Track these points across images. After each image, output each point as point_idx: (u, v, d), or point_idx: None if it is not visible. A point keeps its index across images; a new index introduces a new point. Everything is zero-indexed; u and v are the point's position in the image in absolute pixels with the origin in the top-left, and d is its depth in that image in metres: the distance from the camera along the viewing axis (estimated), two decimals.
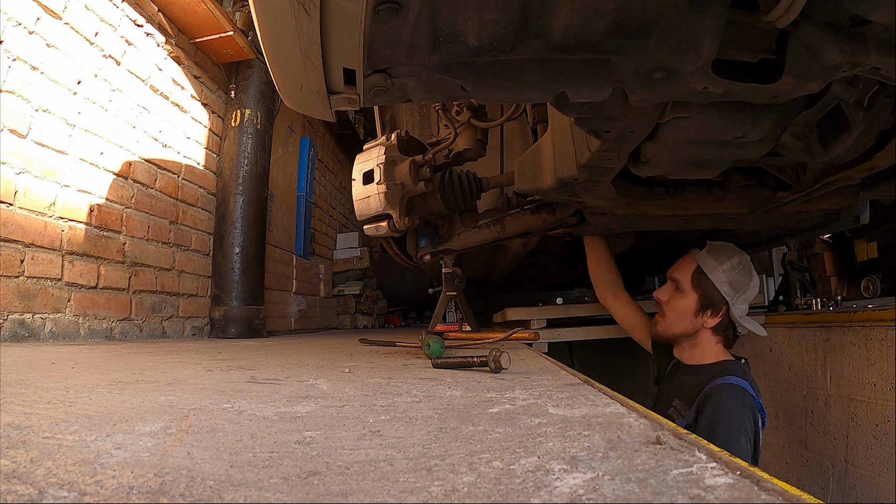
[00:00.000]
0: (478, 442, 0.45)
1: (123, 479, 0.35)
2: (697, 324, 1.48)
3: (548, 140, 1.29)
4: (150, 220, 2.34)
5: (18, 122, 1.66)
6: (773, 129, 0.93)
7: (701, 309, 1.47)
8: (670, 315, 1.52)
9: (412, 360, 1.27)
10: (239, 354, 1.48)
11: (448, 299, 2.04)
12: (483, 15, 0.60)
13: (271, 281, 3.18)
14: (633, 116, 0.88)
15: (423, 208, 1.67)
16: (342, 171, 5.27)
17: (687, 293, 1.48)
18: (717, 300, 1.45)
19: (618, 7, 0.60)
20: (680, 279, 1.50)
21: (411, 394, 0.72)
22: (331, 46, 0.63)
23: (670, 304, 1.52)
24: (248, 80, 2.90)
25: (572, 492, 0.32)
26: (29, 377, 0.86)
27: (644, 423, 0.50)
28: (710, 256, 1.48)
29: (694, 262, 1.50)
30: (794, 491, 0.33)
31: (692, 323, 1.48)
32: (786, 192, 1.36)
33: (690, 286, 1.48)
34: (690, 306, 1.48)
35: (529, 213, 1.63)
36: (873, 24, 0.66)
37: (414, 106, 2.13)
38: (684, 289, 1.49)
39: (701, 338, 1.50)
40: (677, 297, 1.51)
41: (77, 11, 1.90)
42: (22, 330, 1.67)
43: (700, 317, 1.47)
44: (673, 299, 1.52)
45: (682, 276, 1.50)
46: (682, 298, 1.49)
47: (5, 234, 1.61)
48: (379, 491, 0.33)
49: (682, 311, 1.48)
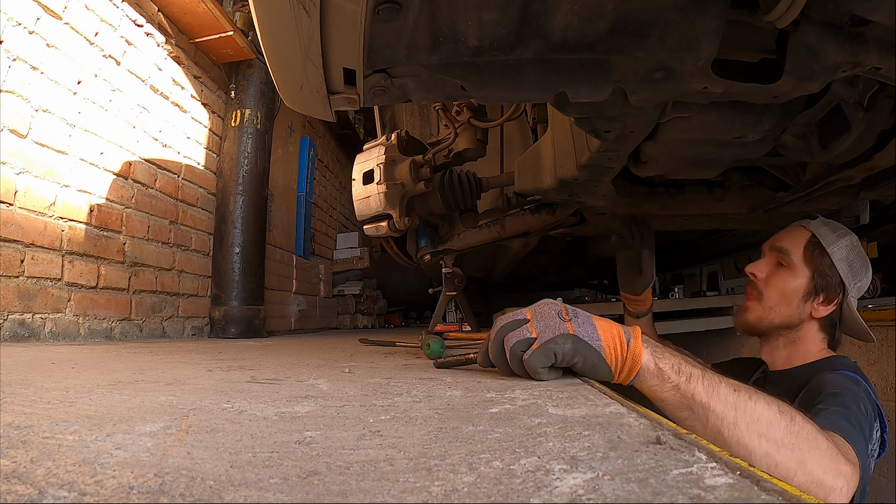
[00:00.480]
0: (478, 442, 0.45)
1: (123, 479, 0.35)
2: (805, 312, 1.11)
3: (548, 140, 1.29)
4: (150, 220, 2.34)
5: (18, 122, 1.66)
6: (773, 129, 0.93)
7: (813, 292, 1.10)
8: (771, 296, 1.13)
9: (412, 360, 1.27)
10: (239, 354, 1.48)
11: (448, 299, 2.04)
12: (483, 15, 0.60)
13: (271, 281, 3.18)
14: (633, 116, 0.88)
15: (423, 208, 1.67)
16: (342, 171, 5.27)
17: (796, 269, 1.11)
18: (833, 283, 1.10)
19: (618, 7, 0.60)
20: (789, 249, 1.13)
21: (411, 394, 0.72)
22: (331, 46, 0.63)
23: (772, 281, 1.14)
24: (248, 80, 2.91)
25: (572, 492, 0.32)
26: (29, 377, 0.86)
27: (644, 423, 0.50)
28: (827, 227, 1.13)
29: (808, 232, 1.13)
30: (794, 491, 0.33)
31: (798, 310, 1.11)
32: (786, 192, 1.36)
33: (802, 260, 1.11)
34: (800, 286, 1.11)
35: (529, 213, 1.63)
36: (873, 24, 0.66)
37: (414, 106, 2.13)
38: (793, 263, 1.12)
39: (804, 332, 1.12)
40: (782, 274, 1.13)
41: (77, 11, 1.90)
42: (22, 330, 1.67)
43: (809, 302, 1.11)
44: (776, 276, 1.14)
45: (793, 246, 1.13)
46: (790, 275, 1.12)
47: (5, 234, 1.61)
48: (379, 491, 0.33)
49: (789, 292, 1.11)
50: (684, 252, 2.69)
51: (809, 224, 1.15)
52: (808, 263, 1.11)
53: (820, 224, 1.14)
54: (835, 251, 1.10)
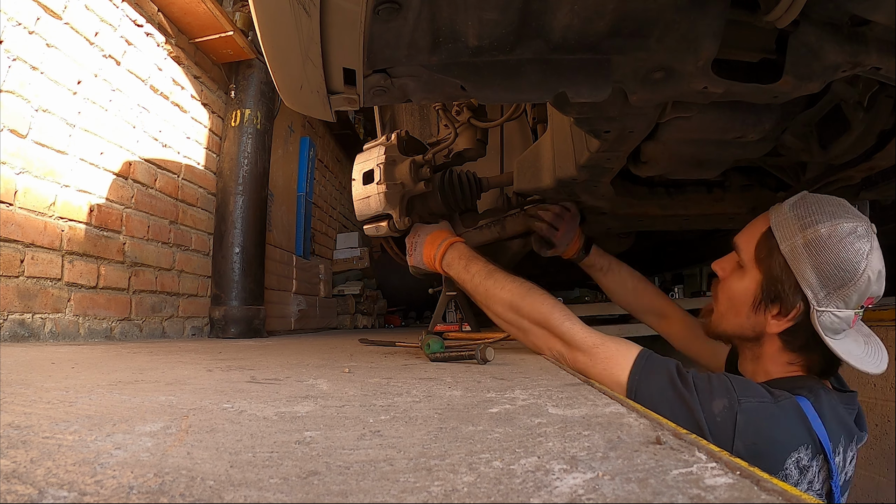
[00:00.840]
0: (478, 442, 0.45)
1: (123, 479, 0.35)
2: (758, 324, 0.89)
3: (547, 140, 1.29)
4: (150, 220, 2.34)
5: (18, 122, 1.66)
6: (773, 129, 0.93)
7: (763, 301, 0.88)
8: (723, 301, 0.95)
9: (412, 360, 1.27)
10: (239, 354, 1.48)
11: (448, 299, 2.03)
12: (483, 15, 0.60)
13: (271, 281, 3.18)
14: (633, 117, 0.88)
15: (423, 208, 1.67)
16: (342, 171, 5.27)
17: (746, 271, 0.91)
18: (787, 291, 0.84)
19: (618, 7, 0.60)
20: (742, 246, 0.93)
21: (411, 394, 0.72)
22: (331, 46, 0.63)
23: (725, 283, 0.96)
24: (248, 80, 2.90)
25: (572, 492, 0.32)
26: (29, 377, 0.86)
27: (644, 423, 0.50)
28: (792, 215, 0.85)
29: (766, 221, 0.89)
30: (794, 491, 0.33)
31: (749, 321, 0.90)
32: (786, 192, 1.36)
33: (753, 260, 0.89)
34: (748, 292, 0.89)
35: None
36: (873, 24, 0.66)
37: (414, 106, 2.13)
38: (744, 263, 0.91)
39: (765, 349, 0.90)
40: (733, 276, 0.94)
41: (77, 11, 1.90)
42: (22, 330, 1.67)
43: (760, 313, 0.88)
44: (729, 277, 0.95)
45: (746, 242, 0.92)
46: (739, 278, 0.92)
47: (5, 234, 1.61)
48: (379, 491, 0.33)
49: (736, 299, 0.92)
50: (684, 252, 2.69)
51: (775, 210, 0.89)
52: (758, 264, 0.89)
53: (785, 210, 0.86)
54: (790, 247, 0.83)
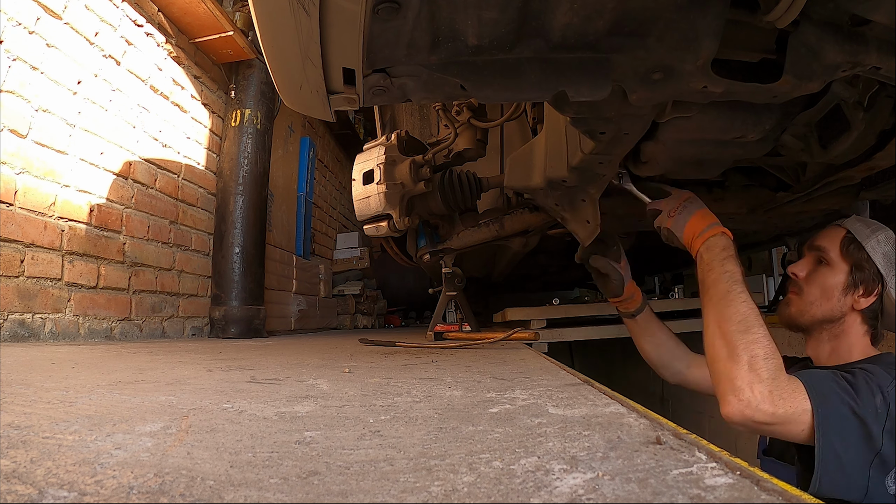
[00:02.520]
0: (478, 442, 0.45)
1: (123, 479, 0.35)
2: (846, 305, 1.16)
3: (541, 139, 1.29)
4: (150, 220, 2.34)
5: (18, 122, 1.66)
6: (773, 129, 0.93)
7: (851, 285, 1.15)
8: (812, 291, 1.19)
9: (412, 359, 1.27)
10: (239, 354, 1.48)
11: (448, 299, 2.04)
12: (482, 14, 0.60)
13: (271, 281, 3.18)
14: (629, 118, 0.88)
15: (423, 208, 1.67)
16: (342, 171, 5.27)
17: (835, 265, 1.17)
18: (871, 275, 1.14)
19: (617, 6, 0.60)
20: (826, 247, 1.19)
21: (411, 394, 0.72)
22: (330, 46, 0.63)
23: (812, 278, 1.20)
24: (248, 80, 2.90)
25: (572, 492, 0.32)
26: (29, 377, 0.86)
27: (644, 423, 0.50)
28: (860, 224, 1.19)
29: (842, 230, 1.19)
30: (794, 491, 0.33)
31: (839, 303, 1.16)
32: (786, 192, 1.36)
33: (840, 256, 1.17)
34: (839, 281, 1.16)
35: (529, 211, 1.63)
36: (873, 24, 0.66)
37: (414, 106, 2.13)
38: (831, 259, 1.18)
39: (847, 325, 1.17)
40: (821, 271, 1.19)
41: (77, 11, 1.90)
42: (22, 330, 1.67)
43: (849, 295, 1.16)
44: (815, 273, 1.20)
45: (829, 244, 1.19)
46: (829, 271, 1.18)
47: (5, 234, 1.61)
48: (379, 491, 0.33)
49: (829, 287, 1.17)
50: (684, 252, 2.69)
51: (844, 222, 1.20)
52: (845, 258, 1.16)
53: (854, 221, 1.20)
54: (870, 245, 1.14)
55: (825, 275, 1.18)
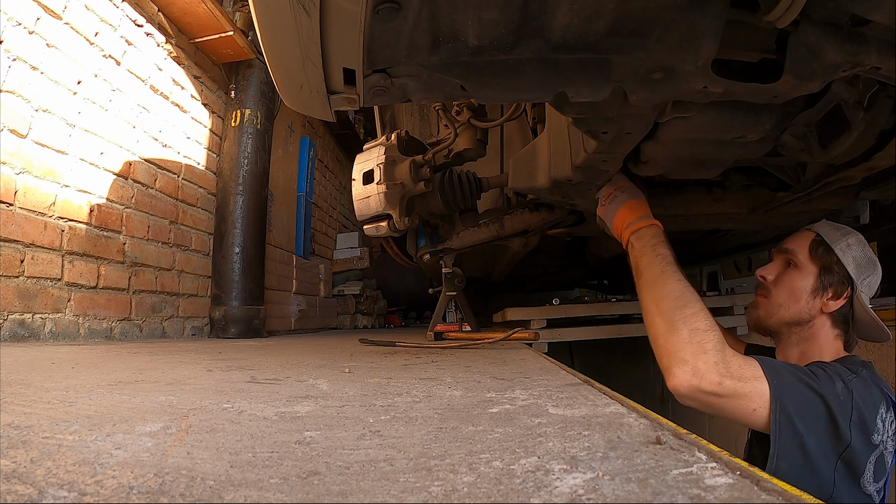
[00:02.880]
0: (478, 442, 0.45)
1: (123, 479, 0.35)
2: (814, 307, 1.14)
3: (544, 139, 1.29)
4: (150, 220, 2.34)
5: (18, 122, 1.66)
6: (773, 129, 0.93)
7: (820, 288, 1.13)
8: (780, 294, 1.17)
9: (412, 359, 1.27)
10: (239, 354, 1.48)
11: (448, 299, 2.04)
12: (483, 14, 0.60)
13: (271, 281, 3.17)
14: (631, 118, 0.88)
15: (423, 208, 1.67)
16: (342, 171, 5.27)
17: (803, 268, 1.16)
18: (840, 278, 1.13)
19: (617, 6, 0.60)
20: (795, 250, 1.18)
21: (411, 394, 0.72)
22: (330, 46, 0.63)
23: (780, 281, 1.18)
24: (248, 80, 2.90)
25: (572, 492, 0.32)
26: (29, 377, 0.86)
27: (644, 423, 0.50)
28: (830, 227, 1.18)
29: (811, 234, 1.18)
30: (794, 491, 0.33)
31: (808, 305, 1.14)
32: (786, 192, 1.36)
33: (809, 259, 1.15)
34: (807, 284, 1.14)
35: (528, 211, 1.63)
36: (873, 24, 0.66)
37: (414, 106, 2.13)
38: (800, 262, 1.16)
39: (815, 328, 1.15)
40: (790, 274, 1.18)
41: (77, 11, 1.90)
42: (22, 330, 1.67)
43: (818, 298, 1.13)
44: (784, 276, 1.18)
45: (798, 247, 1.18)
46: (797, 274, 1.16)
47: (5, 234, 1.61)
48: (379, 491, 0.33)
49: (797, 289, 1.15)
50: (684, 252, 2.69)
51: (814, 227, 1.20)
52: (813, 261, 1.14)
53: (824, 225, 1.19)
54: (839, 248, 1.13)
55: (794, 277, 1.16)
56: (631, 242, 1.13)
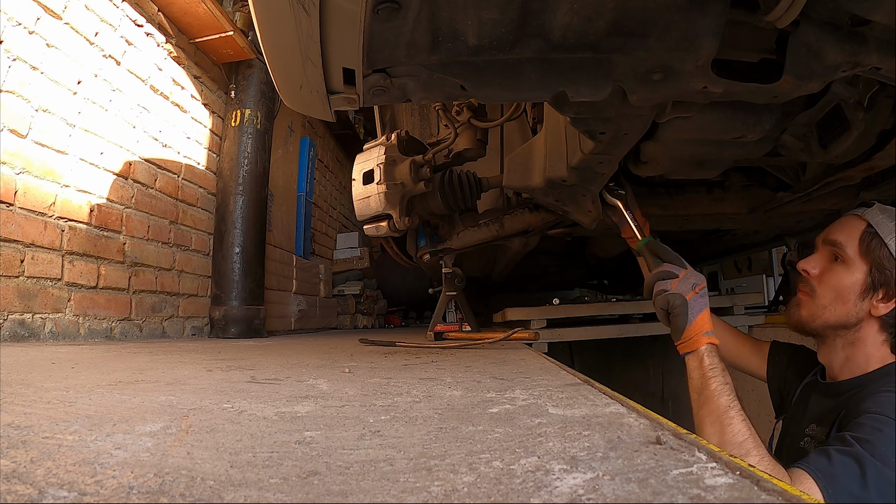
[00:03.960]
0: (478, 442, 0.45)
1: (123, 479, 0.35)
2: (862, 310, 1.01)
3: (541, 139, 1.29)
4: (150, 220, 2.34)
5: (18, 122, 1.66)
6: (773, 129, 0.93)
7: (870, 287, 1.00)
8: (825, 294, 1.05)
9: (412, 360, 1.27)
10: (239, 354, 1.48)
11: (448, 299, 2.04)
12: (482, 14, 0.60)
13: (271, 281, 3.17)
14: (629, 118, 0.88)
15: (423, 208, 1.67)
16: (342, 171, 5.27)
17: (851, 264, 1.02)
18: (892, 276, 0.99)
19: (617, 6, 0.60)
20: (843, 242, 1.03)
21: (411, 394, 0.72)
22: (330, 46, 0.63)
23: (825, 278, 1.05)
24: (248, 80, 2.90)
25: (572, 492, 0.32)
26: (29, 377, 0.86)
27: (644, 423, 0.50)
28: (884, 216, 1.01)
29: (863, 222, 1.03)
30: (794, 491, 0.33)
31: (855, 308, 1.02)
32: (786, 192, 1.36)
33: (858, 253, 1.01)
34: (857, 283, 1.01)
35: (528, 211, 1.63)
36: (873, 24, 0.66)
37: (414, 106, 2.13)
38: (848, 257, 1.02)
39: (863, 332, 1.02)
40: (836, 270, 1.04)
41: (77, 11, 1.90)
42: (22, 330, 1.67)
43: (867, 299, 1.01)
44: (830, 272, 1.05)
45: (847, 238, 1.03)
46: (845, 271, 1.03)
47: (5, 234, 1.61)
48: (379, 491, 0.33)
49: (844, 290, 1.02)
50: (684, 252, 2.69)
51: (865, 213, 1.03)
52: (864, 256, 1.01)
53: (876, 212, 1.02)
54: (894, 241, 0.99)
55: (841, 274, 1.03)
56: (701, 354, 1.00)
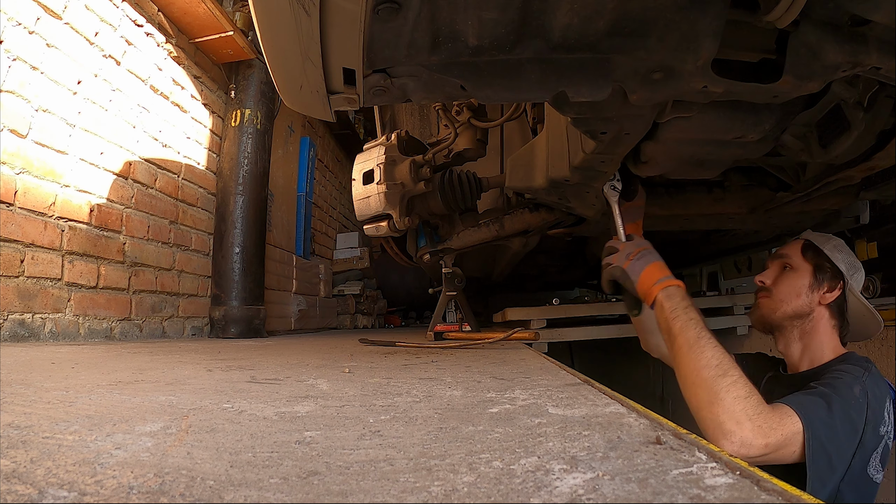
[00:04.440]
0: (478, 442, 0.45)
1: (123, 479, 0.35)
2: (812, 300, 1.25)
3: (542, 139, 1.29)
4: (150, 220, 2.34)
5: (18, 122, 1.66)
6: (773, 129, 0.93)
7: (816, 283, 1.26)
8: (781, 291, 1.29)
9: (412, 360, 1.27)
10: (239, 354, 1.48)
11: (448, 299, 2.04)
12: (483, 14, 0.60)
13: (271, 281, 3.17)
14: (630, 118, 0.88)
15: (423, 208, 1.67)
16: (342, 171, 5.27)
17: (798, 268, 1.29)
18: (832, 274, 1.25)
19: (617, 6, 0.60)
20: (789, 254, 1.32)
21: (411, 394, 0.72)
22: (330, 46, 0.63)
23: (780, 282, 1.31)
24: (248, 80, 2.90)
25: (572, 492, 0.32)
26: (29, 377, 0.86)
27: (644, 423, 0.50)
28: (815, 235, 1.33)
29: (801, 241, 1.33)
30: (794, 491, 0.33)
31: (807, 299, 1.26)
32: (786, 192, 1.36)
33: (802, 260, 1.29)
34: (805, 281, 1.26)
35: (528, 211, 1.63)
36: (873, 24, 0.66)
37: (414, 106, 2.13)
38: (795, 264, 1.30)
39: (815, 320, 1.26)
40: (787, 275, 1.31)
41: (77, 11, 1.90)
42: (22, 330, 1.67)
43: (816, 292, 1.25)
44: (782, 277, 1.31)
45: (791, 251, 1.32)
46: (794, 274, 1.29)
47: (5, 234, 1.61)
48: (379, 491, 0.33)
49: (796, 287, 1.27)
50: (684, 252, 2.69)
51: (800, 236, 1.35)
52: (807, 261, 1.28)
53: (809, 233, 1.34)
54: (827, 248, 1.28)
55: (792, 277, 1.29)
56: (659, 300, 1.12)
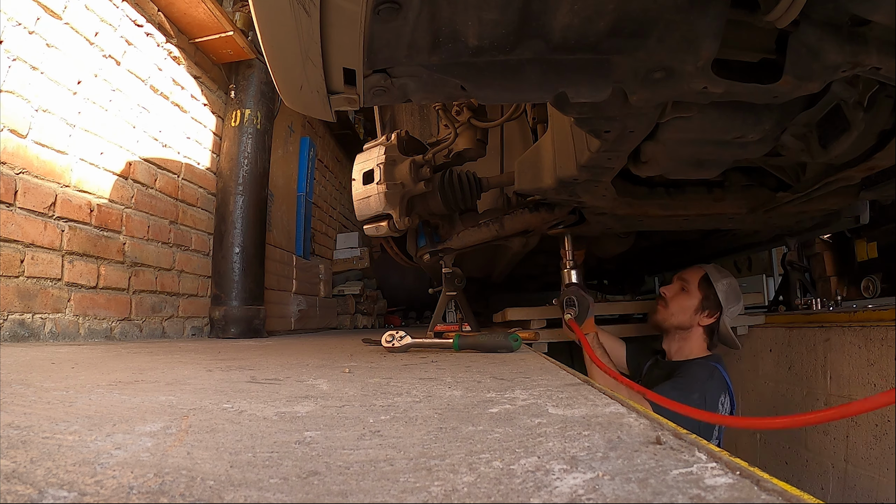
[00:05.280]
0: (478, 442, 0.45)
1: (123, 479, 0.35)
2: (694, 320, 1.79)
3: (548, 140, 1.29)
4: (150, 220, 2.34)
5: (18, 121, 1.66)
6: (773, 129, 0.94)
7: (700, 308, 1.78)
8: (673, 307, 1.82)
9: (412, 359, 1.27)
10: (239, 354, 1.48)
11: (448, 299, 2.03)
12: (483, 15, 0.60)
13: (271, 281, 3.17)
14: (633, 116, 0.88)
15: (423, 208, 1.67)
16: (342, 171, 5.27)
17: (692, 293, 1.80)
18: (714, 304, 1.77)
19: (618, 7, 0.60)
20: (690, 280, 1.82)
21: (411, 394, 0.72)
22: (331, 46, 0.63)
23: (675, 299, 1.83)
24: (248, 80, 2.90)
25: (572, 492, 0.32)
26: (29, 377, 0.86)
27: (644, 423, 0.50)
28: (715, 270, 1.82)
29: (702, 271, 1.82)
30: (794, 491, 0.33)
31: (690, 318, 1.79)
32: (786, 192, 1.36)
33: (696, 288, 1.79)
34: (693, 304, 1.79)
35: (528, 211, 1.63)
36: (873, 24, 0.66)
37: (414, 106, 2.13)
38: (690, 289, 1.80)
39: (691, 333, 1.81)
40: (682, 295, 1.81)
41: (77, 11, 1.90)
42: (22, 330, 1.67)
43: (698, 315, 1.78)
44: (678, 296, 1.82)
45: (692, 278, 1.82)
46: (687, 297, 1.80)
47: (5, 234, 1.61)
48: (379, 491, 0.33)
49: (685, 307, 1.80)
50: (684, 252, 2.69)
51: (704, 266, 1.86)
52: (699, 291, 1.80)
53: (711, 268, 1.86)
54: (717, 285, 1.79)
55: (684, 298, 1.82)
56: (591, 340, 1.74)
